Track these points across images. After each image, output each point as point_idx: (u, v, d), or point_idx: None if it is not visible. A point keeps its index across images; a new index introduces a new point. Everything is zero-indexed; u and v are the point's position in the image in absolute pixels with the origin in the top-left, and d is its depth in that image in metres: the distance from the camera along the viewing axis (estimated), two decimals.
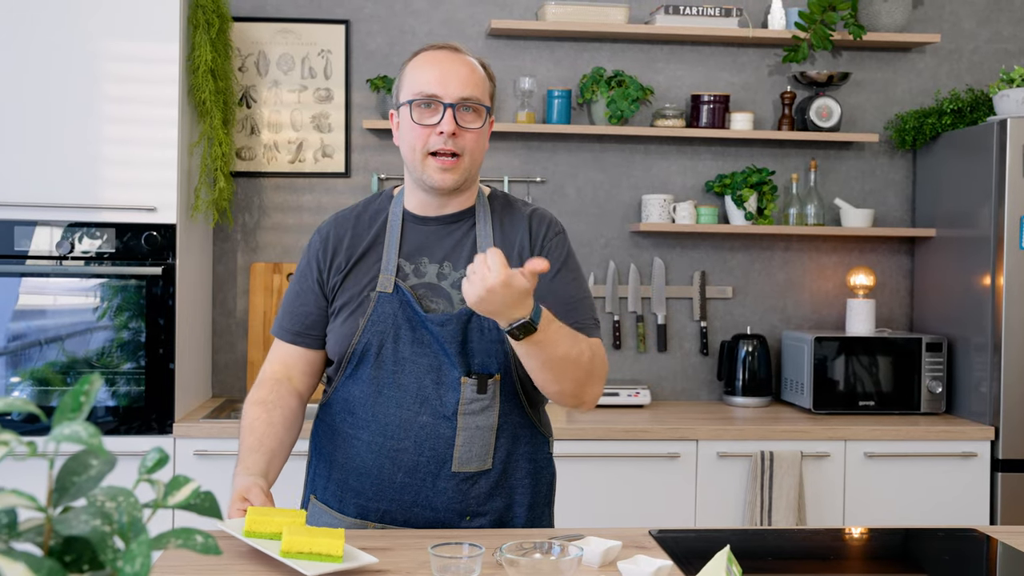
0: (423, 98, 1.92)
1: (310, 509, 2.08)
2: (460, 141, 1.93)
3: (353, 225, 2.04)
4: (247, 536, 1.74)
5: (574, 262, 2.05)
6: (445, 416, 1.94)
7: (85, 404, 0.79)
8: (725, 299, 4.08)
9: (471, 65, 1.96)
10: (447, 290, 1.97)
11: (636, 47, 4.02)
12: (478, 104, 1.95)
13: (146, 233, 3.29)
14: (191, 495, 0.85)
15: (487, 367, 1.94)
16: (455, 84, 1.92)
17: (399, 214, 2.03)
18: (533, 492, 2.04)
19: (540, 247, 2.01)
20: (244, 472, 1.90)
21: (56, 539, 0.77)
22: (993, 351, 3.53)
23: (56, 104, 3.25)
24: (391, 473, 1.96)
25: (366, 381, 1.97)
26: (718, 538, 2.21)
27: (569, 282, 2.01)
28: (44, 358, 3.26)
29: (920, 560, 2.09)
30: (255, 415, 1.99)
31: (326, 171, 3.93)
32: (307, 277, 2.04)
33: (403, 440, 1.95)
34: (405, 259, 1.99)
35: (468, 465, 1.96)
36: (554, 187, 3.99)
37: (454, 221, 2.02)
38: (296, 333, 2.04)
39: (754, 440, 3.44)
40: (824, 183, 4.09)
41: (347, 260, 2.01)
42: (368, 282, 1.98)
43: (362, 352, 1.96)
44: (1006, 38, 4.17)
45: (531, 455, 2.04)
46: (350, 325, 1.97)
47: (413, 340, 1.94)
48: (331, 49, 3.92)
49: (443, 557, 1.66)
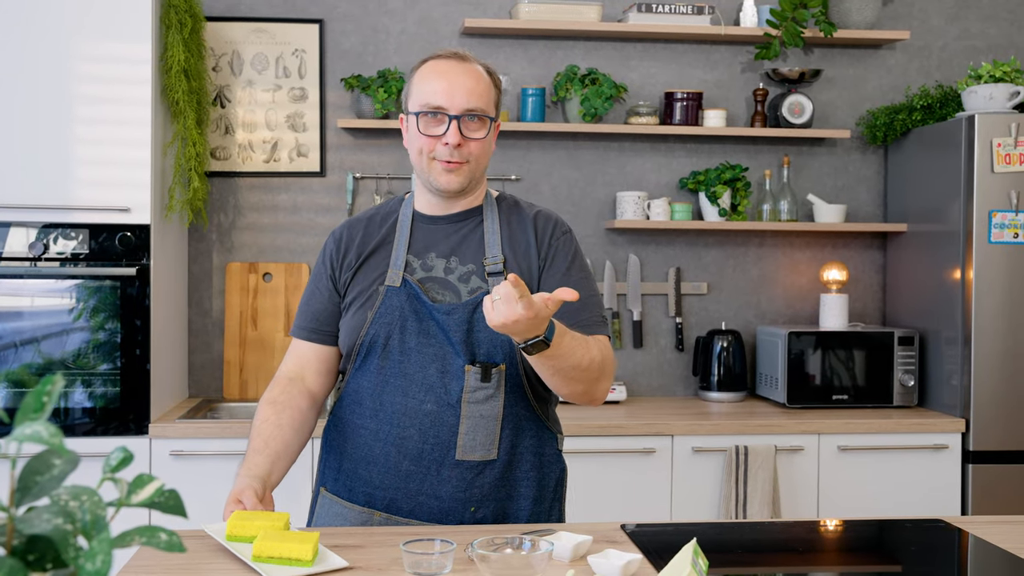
0: (429, 109, 1.98)
1: (320, 501, 2.12)
2: (465, 150, 1.99)
3: (365, 226, 2.11)
4: (229, 540, 1.74)
5: (582, 260, 2.10)
6: (449, 404, 1.98)
7: (47, 404, 0.79)
8: (700, 295, 4.10)
9: (477, 75, 2.01)
10: (454, 284, 2.02)
11: (609, 45, 4.04)
12: (483, 114, 2.00)
13: (120, 233, 3.29)
14: (155, 493, 0.86)
15: (492, 356, 1.98)
16: (460, 96, 1.97)
17: (409, 215, 2.09)
18: (539, 486, 2.07)
19: (548, 246, 2.06)
20: (245, 474, 1.92)
21: (19, 538, 0.78)
22: (963, 344, 3.57)
23: (28, 105, 3.24)
24: (397, 461, 2.00)
25: (374, 372, 2.02)
26: (689, 531, 2.22)
27: (579, 280, 2.04)
28: (20, 360, 3.25)
29: (892, 551, 2.12)
30: (264, 416, 2.02)
31: (301, 170, 3.93)
32: (321, 276, 2.11)
33: (408, 428, 1.99)
34: (414, 255, 2.05)
35: (472, 453, 1.99)
36: (529, 185, 4.01)
37: (462, 219, 2.08)
38: (311, 330, 2.10)
39: (729, 435, 3.47)
40: (797, 179, 4.12)
41: (358, 257, 2.07)
42: (377, 277, 2.04)
43: (370, 344, 2.01)
44: (974, 35, 4.21)
45: (537, 449, 2.07)
46: (359, 318, 2.03)
47: (419, 331, 1.99)
48: (305, 48, 3.93)
49: (415, 553, 1.67)
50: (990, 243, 3.53)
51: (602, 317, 2.05)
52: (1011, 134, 3.51)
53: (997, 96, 3.60)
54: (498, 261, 2.02)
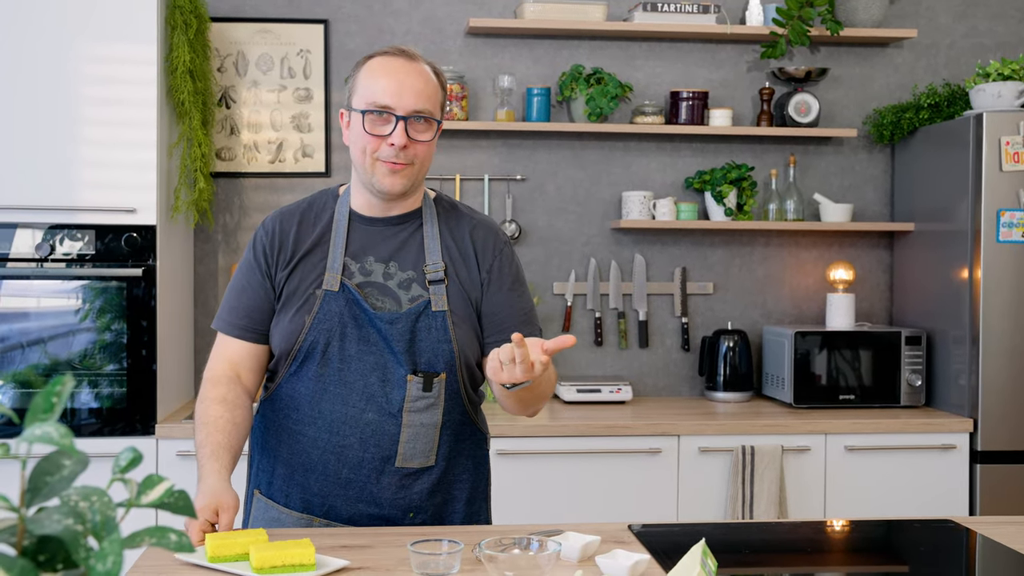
0: (376, 108, 1.94)
1: (255, 504, 2.08)
2: (410, 152, 1.95)
3: (299, 221, 2.05)
4: (212, 562, 1.70)
5: (521, 273, 2.10)
6: (391, 413, 1.96)
7: (57, 405, 0.79)
8: (706, 295, 4.10)
9: (425, 76, 1.98)
10: (394, 289, 1.99)
11: (615, 44, 4.04)
12: (430, 116, 1.96)
13: (126, 234, 3.29)
14: (165, 494, 0.86)
15: (434, 366, 1.97)
16: (408, 96, 1.93)
17: (345, 213, 2.04)
18: (472, 488, 2.08)
19: (491, 260, 2.05)
20: (219, 480, 1.85)
21: (29, 539, 0.78)
22: (971, 344, 3.56)
23: (35, 106, 3.24)
24: (336, 468, 1.98)
25: (311, 378, 1.98)
26: (697, 532, 2.22)
27: (522, 294, 2.07)
28: (26, 361, 3.25)
29: (900, 551, 2.11)
30: (218, 413, 1.95)
31: (306, 171, 3.93)
32: (253, 271, 2.03)
33: (348, 437, 1.97)
34: (351, 258, 2.00)
35: (412, 461, 1.99)
36: (534, 185, 4.00)
37: (400, 222, 2.04)
38: (243, 328, 2.03)
39: (735, 435, 3.46)
40: (803, 178, 4.11)
41: (292, 256, 2.02)
42: (314, 279, 1.99)
43: (308, 350, 1.97)
44: (982, 33, 4.20)
45: (472, 452, 2.09)
46: (296, 322, 1.97)
47: (359, 338, 1.96)
48: (310, 49, 3.92)
49: (423, 554, 1.67)
50: (998, 242, 3.52)
51: (539, 329, 2.06)
52: (1019, 132, 3.50)
53: (1005, 94, 3.59)
54: (439, 269, 2.00)
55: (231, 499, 1.82)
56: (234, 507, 1.81)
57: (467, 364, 2.01)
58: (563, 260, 4.01)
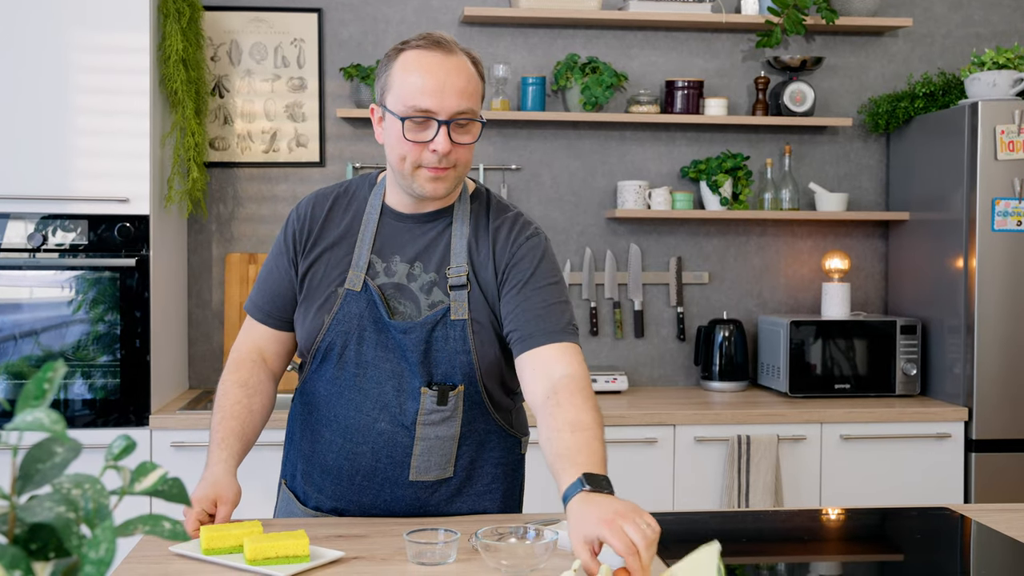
0: (416, 114, 1.80)
1: (281, 494, 2.07)
2: (452, 156, 1.83)
3: (331, 206, 1.97)
4: (207, 555, 1.69)
5: (549, 265, 1.94)
6: (404, 425, 1.90)
7: (48, 391, 0.78)
8: (701, 284, 4.09)
9: (467, 72, 1.84)
10: (415, 293, 1.90)
11: (610, 33, 4.02)
12: (472, 116, 1.84)
13: (119, 224, 3.27)
14: (158, 481, 0.85)
15: (450, 378, 1.89)
16: (451, 97, 1.80)
17: (377, 207, 1.95)
18: (505, 493, 2.02)
19: (509, 257, 1.92)
20: (223, 470, 1.82)
21: (21, 527, 0.77)
22: (966, 333, 3.56)
23: (26, 95, 3.22)
24: (350, 474, 1.94)
25: (329, 380, 1.93)
26: (692, 521, 2.22)
27: (542, 288, 1.90)
28: (19, 352, 3.24)
29: (896, 539, 2.11)
30: (236, 398, 1.92)
31: (300, 161, 3.92)
32: (282, 255, 1.98)
33: (361, 444, 1.92)
34: (377, 255, 1.92)
35: (426, 474, 1.93)
36: (529, 174, 3.99)
37: (431, 219, 1.94)
38: (267, 313, 2.00)
39: (731, 424, 3.46)
40: (798, 168, 4.10)
41: (318, 245, 1.95)
42: (337, 275, 1.92)
43: (326, 350, 1.92)
44: (977, 22, 4.19)
45: (499, 459, 2.00)
46: (315, 321, 1.92)
47: (377, 343, 1.89)
48: (304, 38, 3.91)
49: (419, 543, 1.66)
50: (993, 231, 3.51)
51: (570, 324, 1.89)
52: (1015, 121, 3.49)
53: (1000, 83, 3.58)
54: (461, 273, 1.89)
55: (231, 491, 1.79)
56: (233, 500, 1.79)
57: (490, 374, 1.92)
58: (558, 250, 4.00)
